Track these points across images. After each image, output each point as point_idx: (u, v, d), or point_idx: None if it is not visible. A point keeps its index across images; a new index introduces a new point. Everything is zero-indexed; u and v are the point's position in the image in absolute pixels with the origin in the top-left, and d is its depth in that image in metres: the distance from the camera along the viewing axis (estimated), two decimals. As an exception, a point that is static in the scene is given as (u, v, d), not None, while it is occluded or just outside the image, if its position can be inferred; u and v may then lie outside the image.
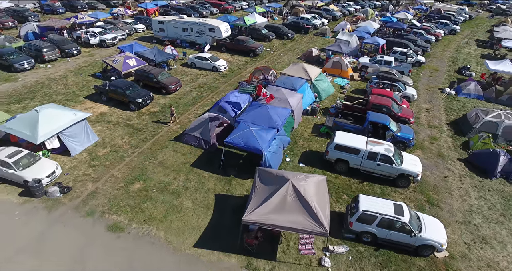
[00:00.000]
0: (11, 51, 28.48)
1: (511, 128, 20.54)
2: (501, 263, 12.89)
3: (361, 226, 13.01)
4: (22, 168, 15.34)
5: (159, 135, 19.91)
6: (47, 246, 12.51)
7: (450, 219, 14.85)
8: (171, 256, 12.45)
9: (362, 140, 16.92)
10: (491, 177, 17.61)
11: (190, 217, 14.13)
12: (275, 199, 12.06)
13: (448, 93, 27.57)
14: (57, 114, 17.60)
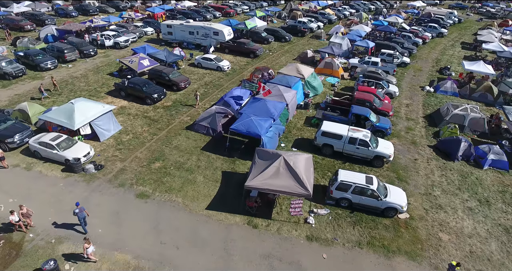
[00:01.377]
0: (37, 53, 31.85)
1: (475, 120, 23.86)
2: (450, 223, 16.18)
3: (339, 193, 16.31)
4: (63, 149, 18.63)
5: (173, 125, 23.24)
6: (90, 208, 15.80)
7: (415, 191, 18.15)
8: (188, 216, 15.75)
9: (344, 128, 20.23)
10: (453, 160, 20.91)
11: (202, 188, 17.45)
12: (271, 170, 15.38)
13: (428, 91, 30.88)
14: (88, 106, 20.94)
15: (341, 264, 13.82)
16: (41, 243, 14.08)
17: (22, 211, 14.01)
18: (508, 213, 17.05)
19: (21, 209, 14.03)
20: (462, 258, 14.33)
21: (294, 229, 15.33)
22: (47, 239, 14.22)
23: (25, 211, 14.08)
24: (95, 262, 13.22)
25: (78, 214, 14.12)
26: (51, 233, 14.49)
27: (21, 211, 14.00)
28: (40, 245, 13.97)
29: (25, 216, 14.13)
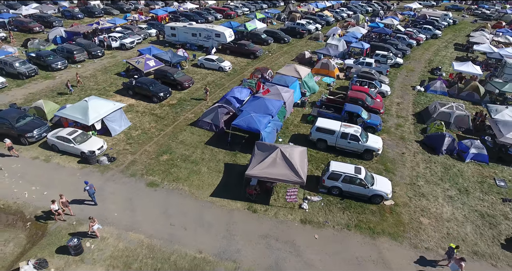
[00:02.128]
0: (48, 54, 33.59)
1: (460, 117, 25.56)
2: (431, 209, 17.88)
3: (331, 182, 18.01)
4: (79, 143, 20.33)
5: (178, 121, 24.95)
6: (105, 195, 17.52)
7: (400, 181, 19.85)
8: (194, 202, 17.46)
9: (337, 124, 21.93)
10: (438, 153, 22.61)
11: (206, 178, 19.16)
12: (268, 160, 17.09)
13: (418, 90, 32.58)
14: (100, 103, 22.67)
15: (331, 244, 15.52)
16: (64, 224, 15.79)
17: (62, 200, 15.60)
18: (484, 200, 18.75)
19: (61, 198, 15.62)
20: (439, 239, 16.04)
21: (290, 213, 17.04)
22: (68, 221, 15.94)
23: (64, 200, 15.69)
24: (98, 238, 14.86)
25: (88, 190, 16.25)
26: (72, 216, 16.20)
27: (61, 200, 15.59)
28: (63, 227, 15.68)
29: (64, 205, 15.73)
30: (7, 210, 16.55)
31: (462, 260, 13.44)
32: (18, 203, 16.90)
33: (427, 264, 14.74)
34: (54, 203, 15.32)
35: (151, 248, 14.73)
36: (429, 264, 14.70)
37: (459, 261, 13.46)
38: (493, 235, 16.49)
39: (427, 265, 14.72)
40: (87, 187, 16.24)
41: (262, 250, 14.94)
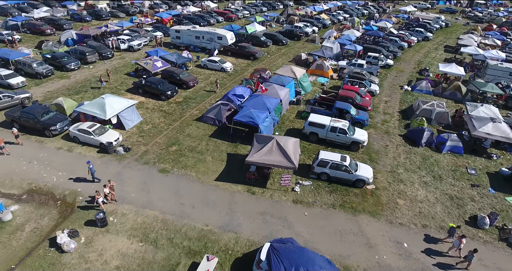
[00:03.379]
0: (63, 55, 36.22)
1: (441, 114, 28.16)
2: (407, 193, 20.47)
3: (320, 169, 20.61)
4: (98, 135, 22.94)
5: (184, 117, 27.57)
6: (124, 179, 20.12)
7: (382, 169, 22.45)
8: (201, 185, 20.06)
9: (327, 119, 24.54)
10: (418, 146, 25.19)
11: (211, 165, 21.76)
12: (265, 149, 19.70)
13: (406, 90, 35.18)
14: (115, 100, 25.29)
15: (318, 220, 18.11)
16: (89, 204, 18.38)
17: (111, 185, 18.10)
18: (455, 186, 21.35)
19: (110, 183, 18.10)
20: (412, 216, 18.63)
21: (284, 195, 19.64)
22: (94, 201, 18.53)
23: (112, 184, 18.12)
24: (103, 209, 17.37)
25: (91, 169, 19.11)
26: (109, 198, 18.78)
27: (110, 184, 18.08)
28: (88, 206, 18.27)
29: (111, 189, 18.22)
30: (39, 191, 19.16)
31: (463, 237, 15.78)
32: (48, 186, 19.51)
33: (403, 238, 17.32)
34: (106, 187, 17.75)
35: (165, 222, 17.34)
36: (404, 237, 17.29)
37: (460, 238, 15.75)
38: (459, 214, 19.09)
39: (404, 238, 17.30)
40: (91, 165, 19.15)
41: (259, 224, 17.54)
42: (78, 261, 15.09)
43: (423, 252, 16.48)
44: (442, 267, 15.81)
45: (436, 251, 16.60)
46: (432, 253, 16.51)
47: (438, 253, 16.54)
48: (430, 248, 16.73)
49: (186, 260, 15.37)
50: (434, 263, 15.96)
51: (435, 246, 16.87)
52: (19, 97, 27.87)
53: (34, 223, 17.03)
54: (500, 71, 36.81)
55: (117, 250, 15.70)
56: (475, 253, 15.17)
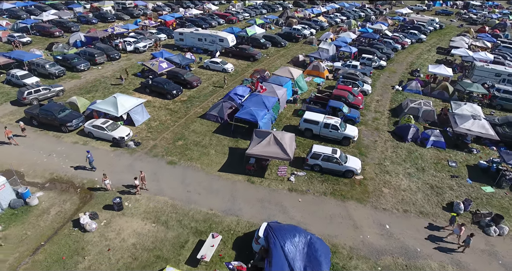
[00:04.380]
0: (73, 57, 38.37)
1: (427, 112, 30.28)
2: (392, 182, 22.61)
3: (313, 161, 22.74)
4: (111, 130, 25.08)
5: (189, 115, 29.72)
6: (135, 171, 22.25)
7: (371, 162, 24.59)
8: (205, 175, 22.20)
9: (321, 116, 26.67)
10: (404, 141, 27.32)
11: (214, 158, 23.91)
12: (264, 142, 21.84)
13: (397, 89, 37.32)
14: (126, 99, 27.45)
15: (311, 205, 20.25)
16: (105, 191, 20.53)
17: (142, 176, 20.11)
18: (436, 176, 23.48)
19: (141, 174, 20.11)
20: (395, 203, 20.77)
21: (280, 184, 21.79)
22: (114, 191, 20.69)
23: (143, 175, 20.18)
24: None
25: (89, 158, 21.34)
26: (111, 184, 20.93)
27: (141, 175, 20.11)
28: (105, 192, 20.41)
29: (143, 180, 20.28)
30: (60, 180, 21.30)
31: (463, 225, 17.77)
32: (68, 176, 21.65)
33: (386, 220, 19.45)
34: (136, 179, 19.73)
35: (174, 206, 19.49)
36: (386, 220, 19.41)
37: (460, 226, 17.76)
38: (438, 201, 21.23)
39: (386, 221, 19.42)
40: (89, 155, 21.41)
41: (257, 209, 19.68)
42: (99, 239, 17.25)
43: (403, 233, 18.62)
44: (419, 246, 17.95)
45: (415, 232, 18.74)
46: (411, 233, 18.64)
47: (417, 233, 18.68)
48: (410, 229, 18.87)
49: (194, 238, 17.52)
50: (413, 243, 18.10)
51: (414, 228, 19.01)
52: (55, 89, 31.48)
53: (58, 207, 19.18)
54: (487, 72, 38.95)
55: (133, 230, 17.86)
56: (472, 237, 17.23)
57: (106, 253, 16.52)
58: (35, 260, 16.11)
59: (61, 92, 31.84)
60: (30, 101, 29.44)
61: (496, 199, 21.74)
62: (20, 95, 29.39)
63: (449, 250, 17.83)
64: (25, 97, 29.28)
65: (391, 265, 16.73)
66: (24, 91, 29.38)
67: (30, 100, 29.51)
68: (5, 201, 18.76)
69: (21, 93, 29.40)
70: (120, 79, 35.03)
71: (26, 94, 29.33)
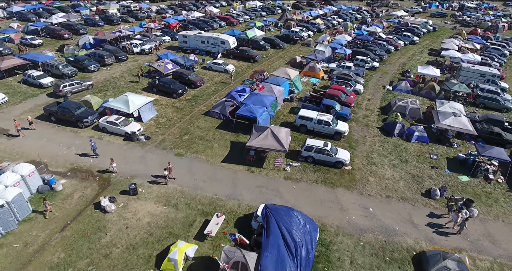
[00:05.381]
0: (84, 58, 40.91)
1: (413, 109, 32.79)
2: (378, 172, 25.12)
3: (306, 153, 25.26)
4: (123, 126, 27.60)
5: (194, 112, 32.25)
6: (147, 161, 24.78)
7: (359, 154, 27.11)
8: (210, 166, 24.72)
9: (315, 113, 29.20)
10: (391, 136, 29.84)
11: (218, 150, 26.44)
12: (262, 136, 24.37)
13: (387, 89, 39.84)
14: (137, 97, 29.99)
15: (304, 191, 22.77)
16: (121, 178, 23.06)
17: (170, 167, 22.50)
18: (418, 167, 26.00)
19: (169, 165, 22.47)
20: (379, 190, 23.28)
21: (277, 173, 24.31)
22: (124, 176, 23.21)
23: (171, 166, 22.57)
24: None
25: (93, 146, 24.02)
26: (126, 173, 23.48)
27: (169, 166, 22.52)
28: (121, 180, 22.94)
29: (170, 171, 22.69)
30: (80, 169, 23.83)
31: (459, 212, 20.24)
32: (86, 165, 24.18)
33: (370, 204, 21.94)
34: (166, 170, 22.17)
35: (182, 192, 22.01)
36: (370, 204, 21.90)
37: (457, 213, 20.19)
38: (417, 188, 23.75)
39: (370, 205, 21.92)
40: (93, 143, 24.13)
41: (256, 194, 22.21)
42: (118, 218, 19.78)
43: (384, 215, 21.14)
44: (398, 225, 20.46)
45: (395, 215, 21.26)
46: (392, 215, 21.16)
47: (397, 215, 21.20)
48: (391, 212, 21.39)
49: (200, 218, 20.05)
50: (392, 223, 20.62)
51: (395, 211, 21.54)
52: (86, 84, 35.54)
53: (80, 192, 21.72)
54: (472, 73, 41.47)
55: (147, 211, 20.39)
56: (466, 221, 19.68)
57: (125, 230, 19.05)
58: (64, 235, 18.64)
59: (91, 86, 35.83)
60: (65, 94, 33.48)
61: (471, 187, 24.26)
62: (57, 88, 33.34)
63: (424, 229, 20.34)
64: (61, 90, 33.26)
65: (372, 241, 19.26)
66: (60, 85, 33.35)
67: (65, 92, 33.54)
68: (34, 187, 21.30)
69: (57, 86, 33.40)
70: (138, 77, 38.16)
71: (62, 87, 33.32)
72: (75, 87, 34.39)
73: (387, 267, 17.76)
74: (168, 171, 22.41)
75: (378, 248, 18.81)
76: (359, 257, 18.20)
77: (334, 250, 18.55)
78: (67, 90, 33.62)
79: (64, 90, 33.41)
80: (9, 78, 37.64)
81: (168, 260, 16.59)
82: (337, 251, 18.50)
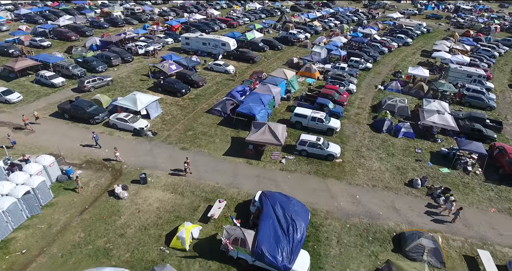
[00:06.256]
0: (92, 59, 43.24)
1: (402, 108, 35.11)
2: (366, 164, 27.43)
3: (300, 147, 27.57)
4: (132, 122, 29.91)
5: (196, 110, 34.56)
6: (155, 154, 27.08)
7: (350, 148, 29.42)
8: (212, 158, 27.03)
9: (309, 111, 31.51)
10: (380, 132, 32.15)
11: (219, 145, 28.75)
12: (260, 131, 26.71)
13: (379, 89, 42.16)
14: (144, 96, 32.32)
15: (298, 181, 25.08)
16: (132, 169, 25.37)
17: (188, 161, 24.70)
18: (403, 160, 28.30)
19: (187, 160, 24.55)
20: (366, 180, 25.58)
21: (273, 165, 26.62)
22: (134, 167, 25.52)
23: (188, 161, 24.78)
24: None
25: (95, 137, 26.57)
26: (136, 165, 25.78)
27: (187, 161, 24.60)
28: (131, 170, 25.25)
29: (188, 164, 24.85)
30: (94, 161, 26.13)
31: (454, 201, 22.48)
32: (100, 158, 26.50)
33: (357, 193, 24.24)
34: (185, 163, 24.41)
35: (187, 181, 24.33)
36: (357, 192, 24.19)
37: (452, 203, 22.36)
38: (401, 179, 26.07)
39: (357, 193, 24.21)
40: (95, 134, 26.75)
41: (255, 183, 24.52)
42: (130, 204, 22.09)
43: (370, 201, 23.46)
44: (381, 211, 22.77)
45: (380, 201, 23.57)
46: (376, 202, 23.47)
47: (382, 202, 23.50)
48: (376, 199, 23.71)
49: (204, 203, 22.37)
50: (376, 209, 22.94)
51: (380, 198, 23.85)
52: (106, 79, 39.09)
53: (95, 181, 24.03)
54: (459, 73, 43.80)
55: (156, 197, 22.71)
56: (460, 210, 21.86)
57: (137, 214, 21.36)
58: (83, 218, 20.95)
59: (111, 82, 39.49)
60: (88, 89, 37.12)
61: (450, 178, 26.57)
62: (81, 84, 36.97)
63: (405, 213, 22.66)
64: (85, 85, 36.91)
65: (357, 224, 21.58)
66: (85, 81, 36.97)
67: (89, 87, 37.22)
68: (53, 176, 23.62)
69: (82, 82, 37.01)
70: (148, 76, 40.91)
71: (86, 83, 36.98)
72: (97, 83, 37.87)
73: (370, 245, 20.08)
74: (187, 165, 24.58)
75: (362, 230, 21.12)
76: (345, 237, 20.52)
77: (323, 231, 20.87)
78: (90, 85, 37.17)
79: (88, 85, 37.00)
80: (22, 78, 39.95)
81: (177, 238, 18.91)
82: (326, 232, 20.82)
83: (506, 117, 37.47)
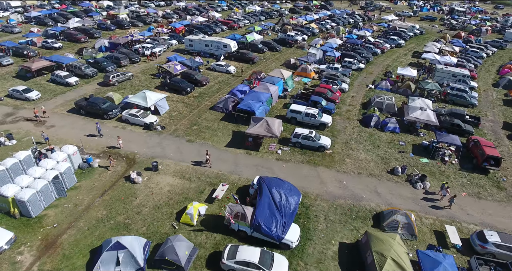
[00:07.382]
0: (103, 60, 46.38)
1: (389, 105, 38.23)
2: (353, 155, 30.56)
3: (295, 139, 30.71)
4: (143, 117, 33.04)
5: (200, 107, 37.71)
6: (164, 146, 30.21)
7: (340, 141, 32.55)
8: (216, 149, 30.16)
9: (303, 107, 34.64)
10: (368, 127, 35.28)
11: (221, 138, 31.89)
12: (258, 125, 29.84)
13: (370, 88, 45.27)
14: (153, 94, 35.46)
15: (292, 169, 28.21)
16: (144, 159, 28.51)
17: (208, 153, 27.68)
18: (387, 152, 31.42)
19: (207, 153, 27.48)
20: (352, 168, 28.70)
21: (270, 155, 29.75)
22: (146, 157, 28.66)
23: (208, 153, 27.80)
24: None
25: (98, 127, 29.84)
26: (147, 154, 28.91)
27: (208, 153, 27.67)
28: (144, 160, 28.39)
29: (210, 156, 27.89)
30: (110, 152, 29.27)
31: (448, 188, 25.44)
32: (115, 149, 29.63)
33: (344, 179, 27.35)
34: (207, 155, 27.39)
35: (194, 169, 27.47)
36: (344, 179, 27.31)
37: (447, 189, 25.36)
38: (384, 167, 29.19)
39: (344, 179, 27.32)
40: (98, 124, 30.13)
41: (254, 171, 27.66)
42: (144, 187, 25.24)
43: (355, 186, 26.58)
44: (364, 194, 25.89)
45: (364, 186, 26.69)
46: (361, 187, 26.60)
47: (365, 187, 26.63)
48: (360, 184, 26.83)
49: (209, 187, 25.52)
50: (360, 192, 26.07)
51: (364, 184, 26.98)
52: (128, 74, 43.54)
53: (112, 169, 27.17)
54: (445, 73, 46.92)
55: (167, 182, 25.85)
56: (454, 197, 24.83)
57: (151, 196, 24.50)
58: (104, 199, 24.09)
59: (131, 76, 44.05)
60: (113, 83, 41.49)
61: (428, 167, 29.69)
62: (107, 79, 41.34)
63: (386, 196, 25.78)
64: (111, 79, 41.25)
65: (343, 204, 24.71)
66: (110, 76, 41.31)
67: (114, 82, 41.61)
68: (76, 164, 26.76)
69: (107, 77, 41.38)
70: (158, 75, 44.35)
71: (111, 78, 41.30)
72: (120, 77, 42.31)
73: (353, 222, 23.21)
74: (208, 156, 27.51)
75: (347, 209, 24.26)
76: (332, 215, 23.66)
77: (313, 210, 24.01)
78: (115, 80, 41.59)
79: (113, 80, 41.39)
80: (38, 78, 43.08)
81: (186, 214, 22.05)
82: (315, 211, 23.97)
83: (486, 114, 40.59)
